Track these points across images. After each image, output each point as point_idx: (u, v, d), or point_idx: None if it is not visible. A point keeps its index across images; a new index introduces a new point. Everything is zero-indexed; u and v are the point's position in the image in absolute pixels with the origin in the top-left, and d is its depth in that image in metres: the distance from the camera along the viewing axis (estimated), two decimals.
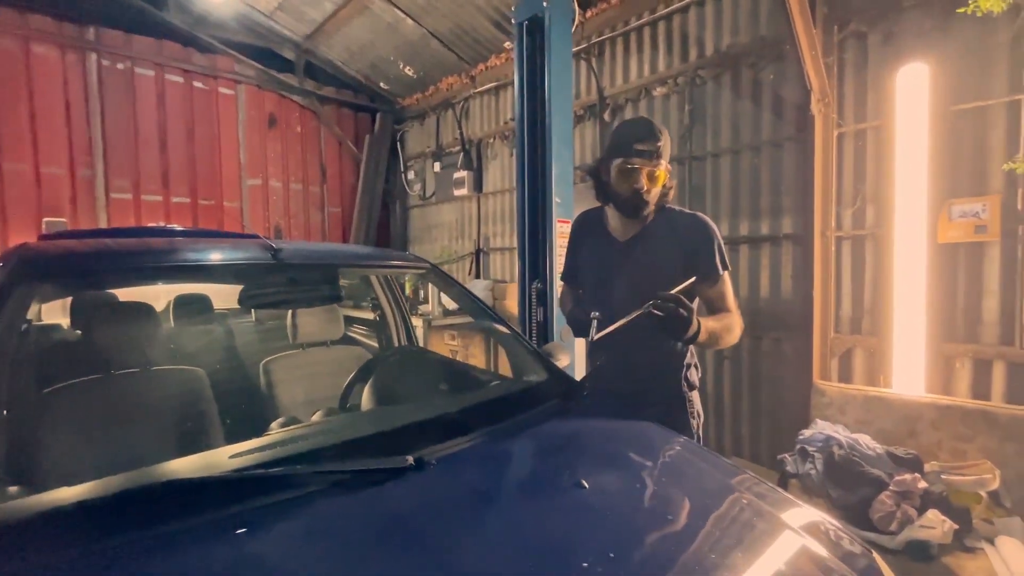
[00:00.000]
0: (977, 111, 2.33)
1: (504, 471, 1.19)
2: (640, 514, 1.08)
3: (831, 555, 0.99)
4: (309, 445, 1.19)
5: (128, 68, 4.38)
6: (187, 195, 4.73)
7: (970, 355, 2.37)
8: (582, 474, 1.14)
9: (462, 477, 1.13)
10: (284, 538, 0.92)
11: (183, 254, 1.70)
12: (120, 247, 1.73)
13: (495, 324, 2.02)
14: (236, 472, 1.02)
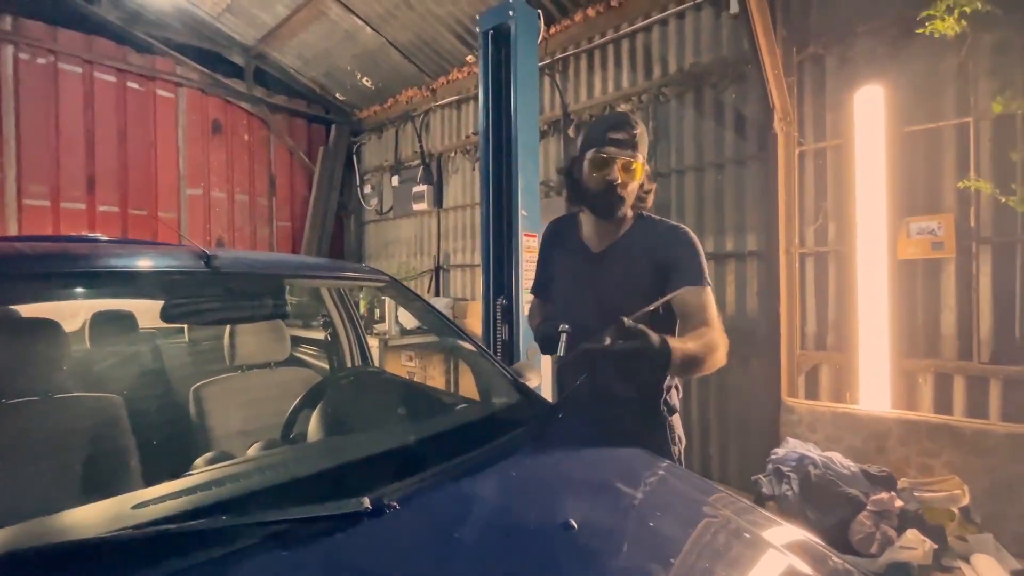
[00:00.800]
0: (929, 132, 2.41)
1: (481, 512, 1.01)
2: (636, 555, 0.93)
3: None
4: (239, 488, 0.97)
5: (51, 63, 3.98)
6: (116, 204, 4.31)
7: (931, 370, 2.40)
8: (570, 512, 0.99)
9: (431, 522, 0.95)
10: None
11: (99, 260, 1.45)
12: (23, 250, 1.45)
13: (461, 342, 1.85)
14: (135, 529, 0.80)
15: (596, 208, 1.43)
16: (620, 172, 1.35)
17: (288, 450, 1.38)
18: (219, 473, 1.13)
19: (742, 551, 0.98)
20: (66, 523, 0.83)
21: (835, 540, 1.98)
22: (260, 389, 2.09)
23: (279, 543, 0.83)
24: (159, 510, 0.88)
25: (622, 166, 1.35)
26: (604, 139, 1.36)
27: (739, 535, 1.03)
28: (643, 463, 1.35)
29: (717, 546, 1.01)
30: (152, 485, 0.95)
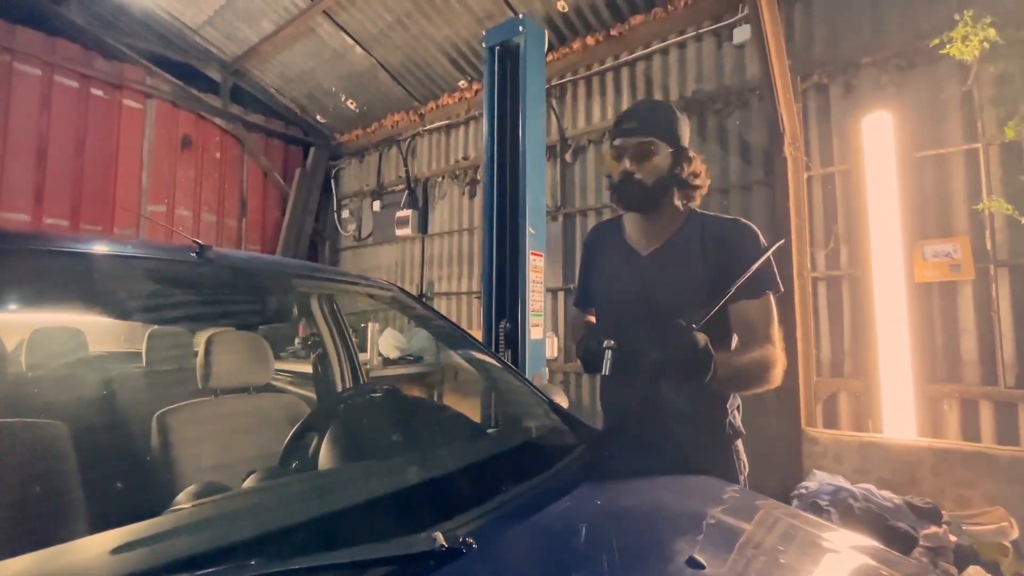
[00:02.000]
0: (938, 158, 2.45)
1: (584, 548, 0.78)
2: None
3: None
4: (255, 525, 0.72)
5: (6, 62, 3.64)
6: (66, 216, 3.89)
7: (956, 396, 2.34)
8: (688, 548, 0.78)
9: (524, 563, 0.72)
10: None
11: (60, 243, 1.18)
12: None
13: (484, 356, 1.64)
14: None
15: (620, 202, 1.32)
16: (632, 159, 1.26)
17: (306, 479, 1.10)
18: (219, 508, 0.86)
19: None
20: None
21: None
22: (236, 416, 1.78)
23: None
24: (148, 556, 0.62)
25: (635, 153, 1.26)
26: (616, 131, 1.30)
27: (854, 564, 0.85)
28: (717, 488, 1.17)
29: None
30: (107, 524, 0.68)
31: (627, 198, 1.30)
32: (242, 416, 1.78)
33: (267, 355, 1.91)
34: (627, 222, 1.41)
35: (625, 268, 1.37)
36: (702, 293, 1.22)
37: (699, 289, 1.24)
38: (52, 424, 1.28)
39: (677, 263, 1.29)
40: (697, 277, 1.25)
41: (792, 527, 1.00)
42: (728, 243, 1.26)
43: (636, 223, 1.37)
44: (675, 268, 1.29)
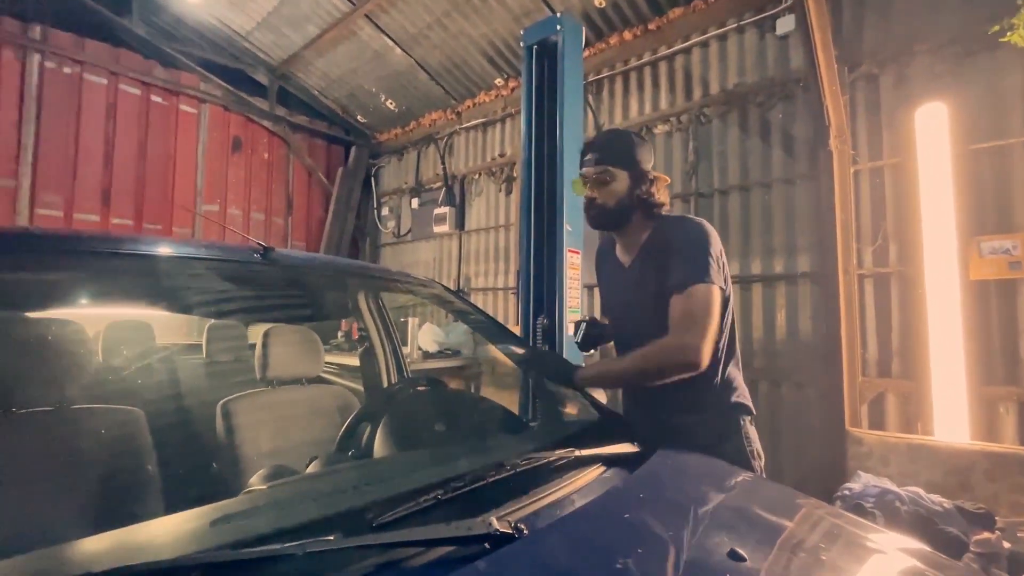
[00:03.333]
0: (996, 150, 2.34)
1: (633, 541, 0.83)
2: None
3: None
4: (325, 507, 0.79)
5: (76, 73, 3.92)
6: (130, 217, 4.17)
7: (1013, 398, 2.24)
8: (731, 541, 0.82)
9: (575, 547, 0.77)
10: None
11: (143, 245, 1.30)
12: (43, 233, 1.29)
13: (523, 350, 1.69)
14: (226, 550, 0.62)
15: (590, 223, 1.49)
16: (593, 187, 1.42)
17: (364, 465, 1.19)
18: (290, 490, 0.95)
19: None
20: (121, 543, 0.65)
21: None
22: (292, 406, 1.90)
23: (394, 571, 0.66)
24: (240, 529, 0.70)
25: (596, 181, 1.41)
26: (581, 161, 1.46)
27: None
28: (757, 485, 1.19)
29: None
30: (181, 503, 0.77)
31: (593, 220, 1.46)
32: (297, 405, 1.90)
33: (318, 349, 2.03)
34: (616, 239, 1.54)
35: (616, 279, 1.53)
36: (653, 288, 1.35)
37: (652, 286, 1.36)
38: (130, 410, 1.42)
39: (648, 269, 1.40)
40: (652, 276, 1.37)
41: (835, 526, 1.02)
42: (669, 241, 1.37)
43: (619, 239, 1.52)
44: (647, 274, 1.40)
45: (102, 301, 2.06)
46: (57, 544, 0.61)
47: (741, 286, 3.06)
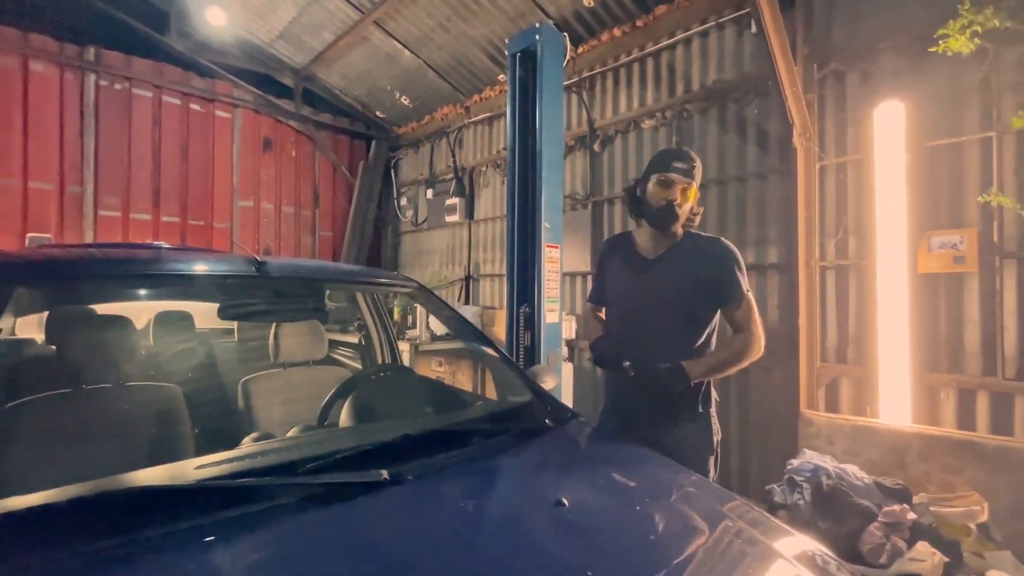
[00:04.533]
0: (951, 147, 2.41)
1: (483, 489, 1.15)
2: (620, 534, 1.04)
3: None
4: (280, 459, 1.15)
5: (126, 89, 4.43)
6: (177, 214, 4.71)
7: (954, 385, 2.38)
8: (562, 493, 1.11)
9: (437, 493, 1.10)
10: (248, 552, 0.87)
11: (165, 264, 1.68)
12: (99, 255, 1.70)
13: (482, 346, 2.00)
14: (200, 482, 0.98)
15: (654, 220, 1.67)
16: (679, 194, 1.61)
17: (322, 432, 1.56)
18: (264, 447, 1.32)
19: (748, 557, 1.02)
20: (135, 478, 1.01)
21: (845, 550, 2.00)
22: (299, 384, 2.30)
23: (314, 502, 0.99)
24: (215, 471, 1.06)
25: (681, 189, 1.61)
26: (669, 167, 1.62)
27: (746, 540, 1.08)
28: (647, 460, 1.45)
29: (722, 551, 1.03)
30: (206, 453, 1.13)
31: (662, 221, 1.64)
32: (303, 384, 2.30)
33: (322, 336, 2.42)
34: (638, 236, 1.80)
35: (636, 269, 1.75)
36: (691, 290, 1.64)
37: (690, 286, 1.65)
38: (170, 387, 1.86)
39: (675, 266, 1.68)
40: (687, 277, 1.65)
41: (687, 495, 1.25)
42: (712, 255, 1.65)
43: (648, 236, 1.74)
44: (673, 270, 1.68)
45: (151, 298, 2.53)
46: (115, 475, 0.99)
47: None
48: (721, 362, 1.63)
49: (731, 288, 1.61)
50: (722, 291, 1.62)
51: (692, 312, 1.65)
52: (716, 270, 1.62)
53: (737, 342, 1.64)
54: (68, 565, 0.76)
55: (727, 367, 1.65)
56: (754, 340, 1.62)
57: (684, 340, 1.65)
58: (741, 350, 1.63)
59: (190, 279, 1.66)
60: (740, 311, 1.64)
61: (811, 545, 1.10)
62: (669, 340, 1.64)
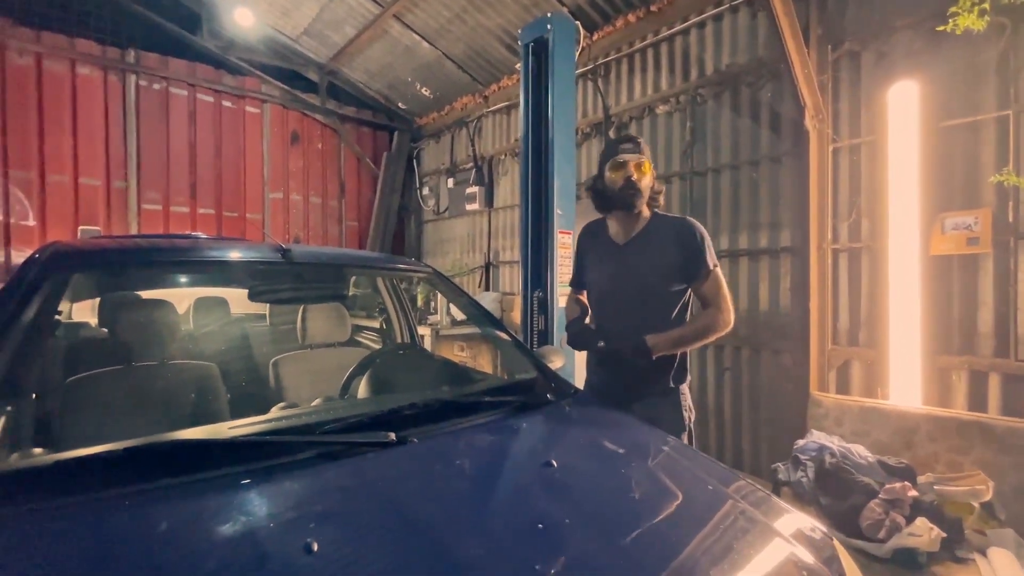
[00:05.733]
0: (967, 127, 2.37)
1: (478, 450, 1.27)
2: (601, 493, 1.15)
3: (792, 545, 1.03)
4: (303, 422, 1.29)
5: (163, 88, 4.68)
6: (213, 207, 4.98)
7: (966, 367, 2.37)
8: (552, 456, 1.22)
9: (437, 452, 1.22)
10: (273, 495, 1.02)
11: (202, 252, 1.86)
12: (144, 244, 1.88)
13: (492, 328, 2.12)
14: (234, 437, 1.13)
15: (619, 202, 1.74)
16: (634, 169, 1.70)
17: (340, 402, 1.71)
18: (289, 413, 1.47)
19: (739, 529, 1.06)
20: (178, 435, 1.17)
21: (845, 526, 2.05)
22: (325, 364, 2.48)
23: (328, 458, 1.13)
24: (245, 431, 1.21)
25: (635, 165, 1.70)
26: (617, 150, 1.73)
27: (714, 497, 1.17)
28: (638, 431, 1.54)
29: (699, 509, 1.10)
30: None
31: (626, 200, 1.72)
32: (328, 364, 2.47)
33: (345, 320, 2.59)
34: (609, 222, 1.86)
35: (609, 254, 1.84)
36: (663, 269, 1.73)
37: (661, 266, 1.73)
38: (208, 365, 2.05)
39: (644, 249, 1.76)
40: (656, 258, 1.74)
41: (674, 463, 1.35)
42: (680, 235, 1.73)
43: (617, 222, 1.81)
44: (642, 252, 1.77)
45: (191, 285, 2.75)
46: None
47: (729, 260, 3.26)
48: (684, 336, 1.69)
49: (698, 264, 1.69)
50: (690, 268, 1.70)
51: (663, 290, 1.73)
52: (684, 248, 1.70)
53: (703, 318, 1.72)
54: (126, 502, 0.91)
55: (691, 342, 1.71)
56: (720, 315, 1.69)
57: (656, 317, 1.73)
58: (707, 324, 1.70)
59: (222, 265, 1.83)
60: (707, 286, 1.71)
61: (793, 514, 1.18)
62: (642, 319, 1.71)
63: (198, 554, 0.81)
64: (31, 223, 4.07)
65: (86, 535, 0.84)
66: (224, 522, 0.90)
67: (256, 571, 0.77)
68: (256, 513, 0.94)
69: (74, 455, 1.00)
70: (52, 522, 0.86)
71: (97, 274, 1.87)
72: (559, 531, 0.95)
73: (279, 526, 0.89)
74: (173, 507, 0.92)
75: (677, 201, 3.55)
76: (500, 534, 0.93)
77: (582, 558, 0.89)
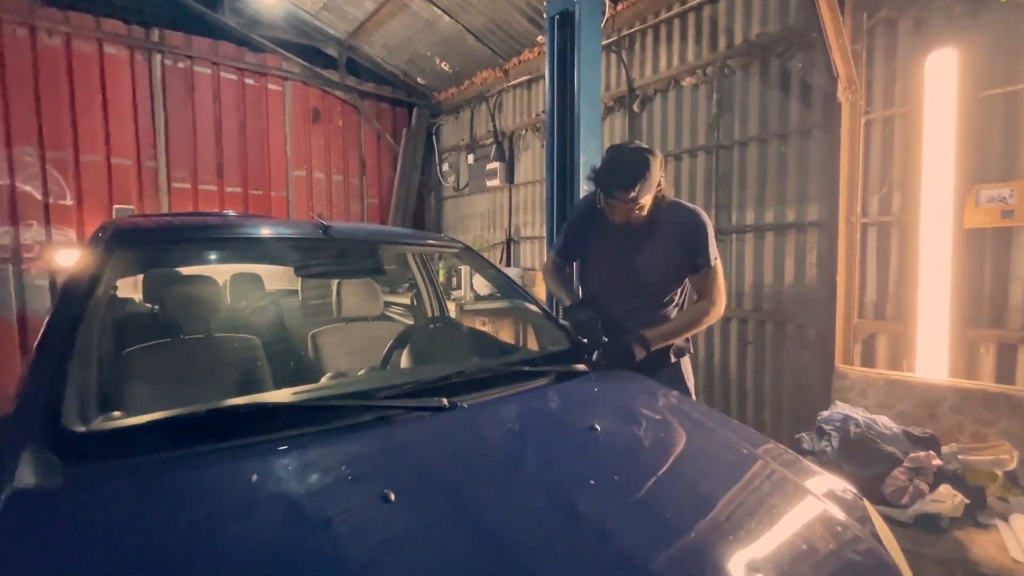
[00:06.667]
0: (1007, 96, 2.32)
1: (523, 415, 1.35)
2: (643, 452, 1.23)
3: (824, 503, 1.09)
4: (361, 388, 1.37)
5: (188, 67, 4.73)
6: (239, 185, 5.07)
7: (995, 340, 2.38)
8: (595, 421, 1.29)
9: (485, 417, 1.30)
10: (346, 453, 1.10)
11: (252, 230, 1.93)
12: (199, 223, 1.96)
13: (524, 302, 2.18)
14: (300, 403, 1.21)
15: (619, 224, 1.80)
16: (628, 214, 1.73)
17: (389, 371, 1.80)
18: (347, 381, 1.56)
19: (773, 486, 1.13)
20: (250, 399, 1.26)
21: (868, 493, 2.09)
22: (360, 337, 2.57)
23: (385, 422, 1.21)
24: (311, 395, 1.30)
25: (629, 211, 1.72)
26: (612, 195, 1.70)
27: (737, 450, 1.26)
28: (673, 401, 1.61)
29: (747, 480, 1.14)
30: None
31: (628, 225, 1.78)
32: (363, 337, 2.57)
33: (378, 295, 2.67)
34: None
35: (612, 241, 1.88)
36: (669, 259, 1.79)
37: (666, 256, 1.79)
38: (251, 338, 2.15)
39: (647, 240, 1.81)
40: (660, 249, 1.80)
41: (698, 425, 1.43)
42: (686, 227, 1.77)
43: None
44: (645, 243, 1.82)
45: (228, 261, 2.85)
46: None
47: (755, 235, 3.27)
48: (677, 329, 1.81)
49: (699, 258, 1.76)
50: (690, 260, 1.78)
51: (662, 279, 1.83)
52: (687, 240, 1.76)
53: (696, 310, 1.83)
54: (218, 457, 1.00)
55: (683, 333, 1.83)
56: (713, 308, 1.80)
57: (655, 307, 1.83)
58: (699, 317, 1.81)
59: (273, 242, 1.91)
60: (704, 279, 1.80)
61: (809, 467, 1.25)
62: (640, 307, 1.82)
63: (295, 502, 0.90)
64: (68, 202, 4.21)
65: (198, 485, 0.93)
66: (309, 475, 0.99)
67: (347, 519, 0.86)
68: (333, 469, 1.03)
69: (177, 414, 1.08)
70: (182, 471, 0.95)
71: (152, 251, 1.96)
72: (606, 488, 1.02)
73: (357, 480, 0.98)
74: (260, 462, 1.01)
75: (702, 176, 3.54)
76: (554, 488, 1.01)
77: (626, 512, 0.96)
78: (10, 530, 0.79)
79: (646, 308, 1.82)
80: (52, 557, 0.74)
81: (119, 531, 0.81)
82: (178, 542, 0.79)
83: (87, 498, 0.88)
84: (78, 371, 1.17)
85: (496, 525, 0.88)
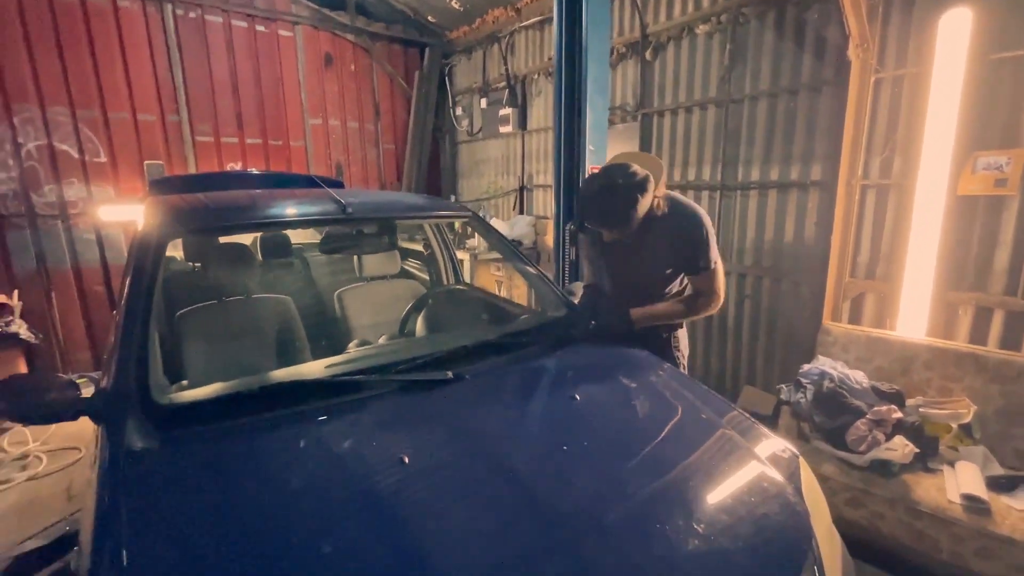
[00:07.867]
0: (1017, 60, 2.28)
1: (518, 385, 1.61)
2: (615, 420, 1.48)
3: (764, 465, 1.33)
4: (378, 361, 1.64)
5: (199, 16, 4.72)
6: (259, 136, 5.20)
7: (973, 303, 2.51)
8: (576, 391, 1.54)
9: (487, 387, 1.56)
10: (361, 421, 1.37)
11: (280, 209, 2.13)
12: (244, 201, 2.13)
13: (524, 265, 2.38)
14: (332, 377, 1.49)
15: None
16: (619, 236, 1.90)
17: (404, 341, 2.07)
18: (367, 352, 1.83)
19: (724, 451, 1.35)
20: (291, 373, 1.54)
21: (833, 440, 2.38)
22: (381, 295, 2.84)
23: (400, 392, 1.48)
24: (339, 368, 1.56)
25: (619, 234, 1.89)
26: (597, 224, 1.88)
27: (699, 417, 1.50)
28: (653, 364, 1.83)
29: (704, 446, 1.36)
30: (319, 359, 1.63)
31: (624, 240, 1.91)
32: (384, 295, 2.83)
33: (395, 255, 2.90)
34: None
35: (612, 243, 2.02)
36: (666, 260, 1.94)
37: (659, 259, 1.94)
38: (284, 298, 2.44)
39: (653, 237, 1.92)
40: (659, 251, 1.93)
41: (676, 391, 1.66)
42: (685, 229, 1.88)
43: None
44: (651, 240, 1.93)
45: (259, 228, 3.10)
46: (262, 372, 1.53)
47: (759, 192, 3.33)
48: (667, 314, 1.95)
49: (697, 261, 1.87)
50: (689, 262, 1.90)
51: (664, 278, 1.97)
52: (686, 244, 1.87)
53: (689, 304, 1.95)
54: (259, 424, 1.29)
55: (671, 319, 1.98)
56: (709, 307, 1.92)
57: (657, 296, 1.99)
58: (691, 309, 1.95)
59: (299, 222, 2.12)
60: (702, 280, 1.91)
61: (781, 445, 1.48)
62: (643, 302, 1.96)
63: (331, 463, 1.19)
64: (103, 159, 4.43)
65: (258, 445, 1.22)
66: (339, 441, 1.27)
67: (369, 478, 1.14)
68: (358, 435, 1.31)
69: (237, 389, 1.37)
70: (246, 434, 1.25)
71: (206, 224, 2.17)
72: (578, 451, 1.28)
73: (378, 444, 1.26)
74: (300, 428, 1.30)
75: (712, 131, 3.54)
76: (537, 452, 1.27)
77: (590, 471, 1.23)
78: (130, 479, 1.10)
79: (645, 302, 1.97)
80: (162, 497, 1.06)
81: (207, 478, 1.11)
82: (251, 485, 1.09)
83: (180, 454, 1.19)
84: (156, 345, 1.47)
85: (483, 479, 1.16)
